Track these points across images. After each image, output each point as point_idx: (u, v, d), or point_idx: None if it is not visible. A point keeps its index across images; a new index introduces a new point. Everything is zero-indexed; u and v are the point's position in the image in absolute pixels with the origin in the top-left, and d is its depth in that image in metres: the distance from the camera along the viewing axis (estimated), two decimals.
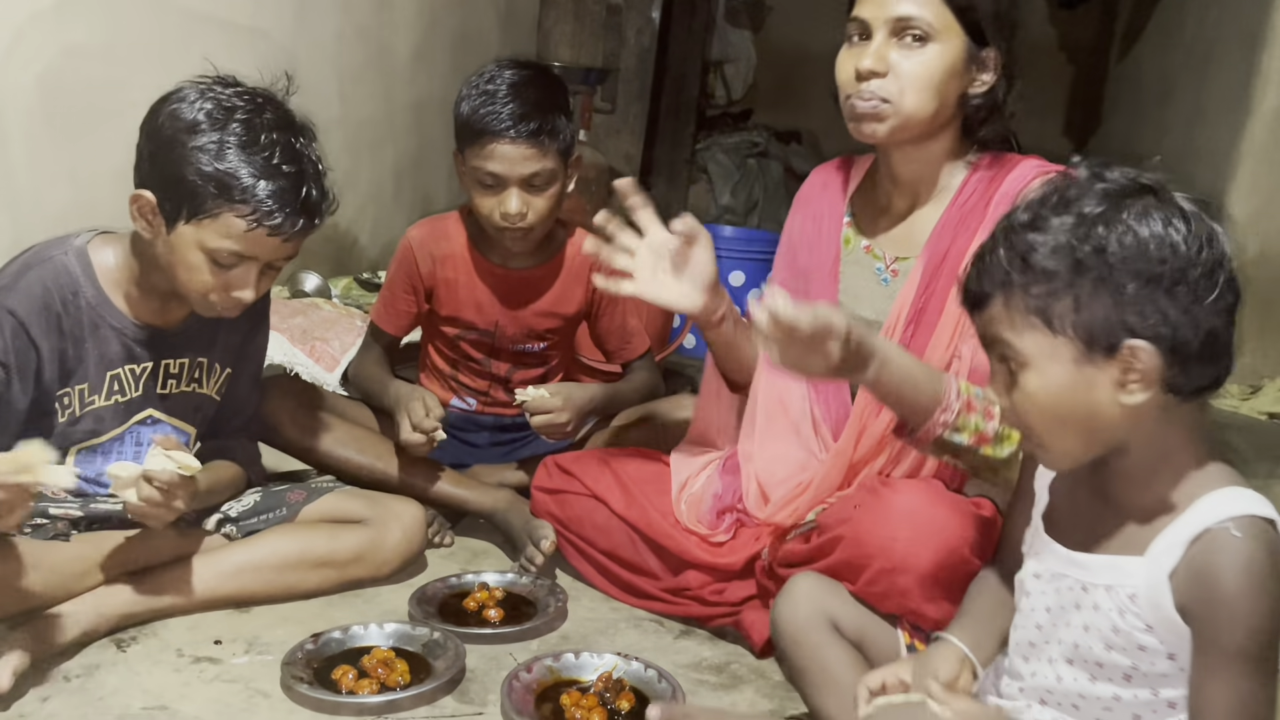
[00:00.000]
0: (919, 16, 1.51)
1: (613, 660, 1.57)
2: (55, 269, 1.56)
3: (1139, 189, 1.04)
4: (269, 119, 1.53)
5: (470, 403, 2.25)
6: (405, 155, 3.64)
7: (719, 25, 5.73)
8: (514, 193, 1.98)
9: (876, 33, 1.54)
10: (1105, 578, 1.09)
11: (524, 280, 2.13)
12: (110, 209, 2.34)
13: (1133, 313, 1.01)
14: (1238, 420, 3.39)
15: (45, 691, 1.46)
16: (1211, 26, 4.06)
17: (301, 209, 1.53)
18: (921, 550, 1.39)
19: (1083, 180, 1.06)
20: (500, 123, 1.94)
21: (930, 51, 1.52)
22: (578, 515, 1.88)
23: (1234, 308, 1.04)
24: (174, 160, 1.49)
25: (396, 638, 1.62)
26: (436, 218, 2.21)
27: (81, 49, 2.22)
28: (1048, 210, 1.05)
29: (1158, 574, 1.04)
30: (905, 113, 1.54)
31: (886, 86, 1.53)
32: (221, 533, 1.75)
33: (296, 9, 2.96)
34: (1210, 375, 1.04)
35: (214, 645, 1.61)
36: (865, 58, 1.54)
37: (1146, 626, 1.05)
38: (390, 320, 2.17)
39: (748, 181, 5.68)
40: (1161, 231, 1.01)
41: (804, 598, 1.42)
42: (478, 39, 3.99)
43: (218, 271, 1.54)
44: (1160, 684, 1.07)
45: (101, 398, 1.63)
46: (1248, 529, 1.01)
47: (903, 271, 1.65)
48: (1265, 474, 2.79)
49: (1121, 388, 1.03)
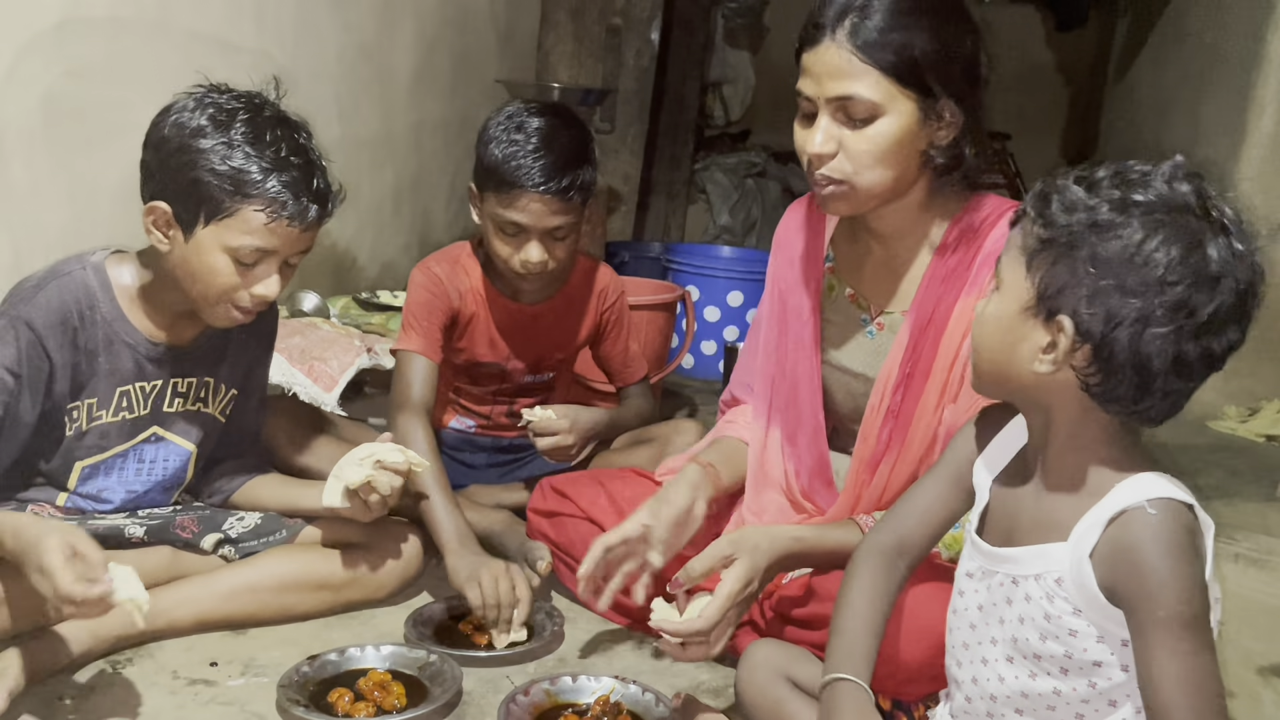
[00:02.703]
0: (858, 95, 1.42)
1: (610, 683, 1.57)
2: (74, 283, 1.58)
3: (1189, 208, 1.03)
4: (269, 117, 1.58)
5: (470, 424, 2.25)
6: (405, 176, 3.65)
7: (718, 46, 5.75)
8: (536, 244, 1.95)
9: (821, 112, 1.46)
10: (1033, 567, 1.12)
11: (535, 315, 2.13)
12: (109, 229, 2.35)
13: (1081, 297, 1.03)
14: (1235, 442, 3.38)
15: (39, 713, 1.45)
16: (1207, 49, 4.08)
17: (314, 197, 1.57)
18: (914, 649, 1.38)
19: (1160, 176, 1.05)
20: (531, 179, 1.90)
21: (879, 126, 1.44)
22: (572, 538, 1.87)
23: (1193, 362, 1.02)
24: (185, 166, 1.52)
25: (393, 660, 1.62)
26: (449, 251, 2.17)
27: (83, 70, 2.23)
28: (1113, 180, 1.06)
29: (1079, 555, 1.07)
30: (863, 188, 1.48)
31: (840, 166, 1.47)
32: (219, 554, 1.75)
33: (297, 30, 2.97)
34: (1132, 400, 1.05)
35: (210, 667, 1.61)
36: (811, 141, 1.47)
37: (1074, 610, 1.08)
38: (435, 350, 2.05)
39: (746, 201, 5.69)
40: (1152, 247, 1.01)
41: (761, 662, 1.43)
42: (478, 60, 4.01)
43: (241, 271, 1.56)
44: (1095, 674, 1.09)
45: (109, 413, 1.64)
46: (1163, 508, 1.04)
47: (888, 325, 1.63)
48: (1261, 497, 2.78)
49: (1038, 354, 1.07)
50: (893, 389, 1.58)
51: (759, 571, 1.49)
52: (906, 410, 1.57)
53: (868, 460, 1.61)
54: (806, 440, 1.68)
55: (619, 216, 4.46)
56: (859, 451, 1.62)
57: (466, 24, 3.92)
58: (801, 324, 1.68)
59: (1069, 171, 1.10)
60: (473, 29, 3.98)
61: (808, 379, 1.68)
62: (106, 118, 2.30)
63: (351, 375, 2.62)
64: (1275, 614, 2.15)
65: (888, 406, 1.59)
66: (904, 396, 1.57)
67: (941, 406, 1.55)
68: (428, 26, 3.67)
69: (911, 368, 1.57)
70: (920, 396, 1.56)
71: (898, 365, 1.58)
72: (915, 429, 1.57)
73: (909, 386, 1.57)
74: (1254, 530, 2.58)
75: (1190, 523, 1.04)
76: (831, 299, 1.68)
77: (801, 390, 1.68)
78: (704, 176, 5.68)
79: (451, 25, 3.81)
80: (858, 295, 1.66)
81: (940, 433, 1.55)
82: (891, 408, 1.58)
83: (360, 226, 3.44)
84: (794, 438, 1.69)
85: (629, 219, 4.62)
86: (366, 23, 3.34)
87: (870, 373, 1.62)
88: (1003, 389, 1.16)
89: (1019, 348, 1.09)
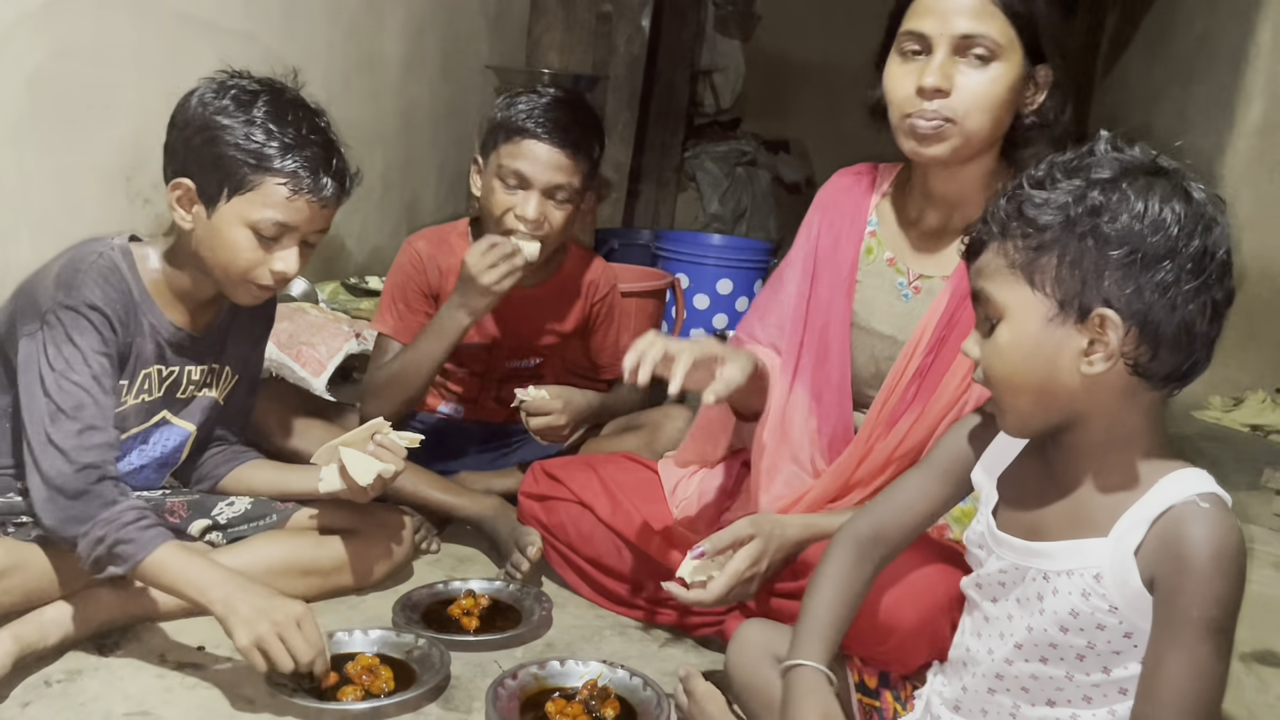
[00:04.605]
0: (985, 34, 1.45)
1: (598, 668, 1.57)
2: (111, 266, 1.59)
3: (1153, 168, 1.05)
4: (290, 99, 1.63)
5: (459, 409, 2.25)
6: (393, 161, 3.64)
7: (708, 34, 5.74)
8: (535, 196, 1.98)
9: (938, 49, 1.47)
10: (1067, 563, 1.09)
11: (524, 297, 2.13)
12: (97, 210, 2.35)
13: (1111, 282, 1.02)
14: (1219, 432, 3.41)
15: (26, 696, 1.45)
16: (1196, 40, 4.09)
17: (334, 175, 1.62)
18: (908, 611, 1.38)
19: (1101, 151, 1.07)
20: (541, 125, 1.97)
21: (994, 70, 1.47)
22: (563, 522, 1.88)
23: (1220, 305, 1.04)
24: (210, 142, 1.56)
25: (381, 644, 1.62)
26: (440, 229, 2.19)
27: (70, 51, 2.22)
28: (1060, 171, 1.06)
29: (1123, 551, 1.05)
30: (968, 132, 1.48)
31: (951, 105, 1.47)
32: (207, 539, 1.75)
33: (286, 13, 2.96)
34: (1179, 365, 1.05)
35: (197, 651, 1.61)
36: (928, 74, 1.47)
37: (1110, 607, 1.06)
38: (409, 333, 2.08)
39: (736, 190, 5.69)
40: (1157, 208, 1.02)
41: (750, 642, 1.43)
42: (467, 46, 4.00)
43: (263, 244, 1.59)
44: (1113, 662, 1.09)
45: (133, 396, 1.64)
46: (1214, 503, 1.03)
47: (926, 290, 1.62)
48: (1246, 485, 2.81)
49: (1084, 356, 1.04)
50: (925, 350, 1.59)
51: (769, 554, 1.55)
52: (936, 371, 1.58)
53: (887, 417, 1.61)
54: (833, 399, 1.68)
55: (609, 204, 4.46)
56: (877, 407, 1.62)
57: (456, 9, 3.91)
58: (836, 284, 1.68)
59: (1011, 187, 1.08)
60: (462, 14, 3.96)
61: (839, 340, 1.67)
62: (94, 99, 2.29)
63: (340, 361, 2.63)
64: (1259, 601, 2.17)
65: (917, 366, 1.59)
66: (935, 358, 1.58)
67: (969, 377, 1.55)
68: (417, 11, 3.66)
69: (947, 332, 1.58)
70: (950, 363, 1.57)
71: (933, 327, 1.59)
72: (942, 392, 1.57)
73: (941, 350, 1.58)
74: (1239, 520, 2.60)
75: (1239, 527, 1.03)
76: (869, 261, 1.68)
77: (832, 350, 1.67)
78: (694, 164, 5.68)
79: (441, 10, 3.80)
80: (896, 260, 1.66)
81: (968, 398, 1.55)
82: (921, 368, 1.59)
83: (348, 211, 3.41)
84: (820, 396, 1.69)
85: (619, 206, 4.62)
86: (355, 7, 3.32)
87: (900, 335, 1.63)
88: (1048, 414, 1.10)
89: (1058, 361, 1.05)
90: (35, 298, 1.53)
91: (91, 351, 1.52)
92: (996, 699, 1.17)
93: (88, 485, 1.45)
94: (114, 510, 1.45)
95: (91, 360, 1.51)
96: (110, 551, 1.44)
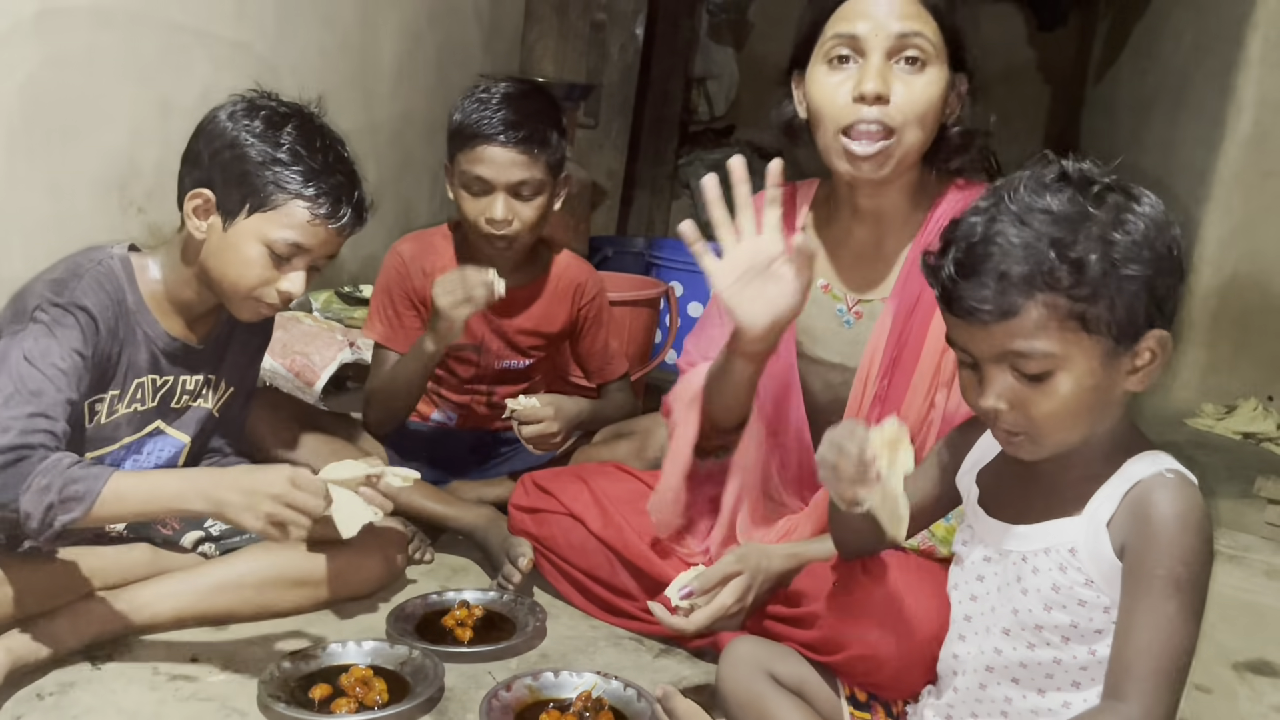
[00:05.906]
0: (922, 34, 1.40)
1: (592, 679, 1.57)
2: (107, 273, 1.60)
3: (1111, 184, 1.08)
4: (318, 126, 1.67)
5: (451, 417, 2.25)
6: (387, 169, 3.64)
7: (702, 41, 5.75)
8: (500, 198, 2.00)
9: (872, 53, 1.40)
10: (1042, 542, 1.13)
11: (509, 297, 2.12)
12: (90, 220, 2.34)
13: (1154, 303, 1.05)
14: (1212, 439, 3.42)
15: (18, 709, 1.44)
16: (1187, 51, 4.10)
17: (353, 205, 1.65)
18: (896, 643, 1.37)
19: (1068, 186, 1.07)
20: (491, 127, 1.98)
21: (929, 74, 1.42)
22: (554, 534, 1.87)
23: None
24: (237, 157, 1.58)
25: (375, 656, 1.61)
26: (424, 232, 2.22)
27: (62, 60, 2.21)
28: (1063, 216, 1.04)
29: (1096, 524, 1.09)
30: (906, 145, 1.43)
31: (889, 113, 1.41)
32: (199, 551, 1.74)
33: (279, 22, 2.95)
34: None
35: (190, 663, 1.60)
36: (868, 79, 1.40)
37: (1086, 580, 1.10)
38: (400, 339, 2.12)
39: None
40: (1162, 219, 1.06)
41: (742, 658, 1.44)
42: (461, 54, 3.99)
43: (275, 263, 1.60)
44: (1096, 641, 1.11)
45: (124, 405, 1.64)
46: (1179, 476, 1.08)
47: (868, 314, 1.60)
48: (1238, 493, 2.81)
49: (1132, 374, 1.09)
50: (878, 375, 1.56)
51: (755, 589, 1.52)
52: (894, 396, 1.55)
53: None
54: (790, 436, 1.67)
55: (603, 211, 4.46)
56: None
57: (450, 18, 3.91)
58: None
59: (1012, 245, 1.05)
60: (456, 23, 3.96)
61: (786, 374, 1.65)
62: (86, 108, 2.29)
63: (334, 370, 2.62)
64: (1252, 610, 2.17)
65: (874, 393, 1.57)
66: (891, 382, 1.55)
67: (933, 390, 1.53)
68: (411, 20, 3.66)
69: (898, 353, 1.55)
70: (910, 381, 1.54)
71: (881, 350, 1.56)
72: (905, 414, 1.54)
73: (895, 372, 1.55)
74: (1231, 528, 2.61)
75: (1203, 499, 1.07)
76: None
77: (779, 387, 1.66)
78: (688, 171, 5.69)
79: (435, 19, 3.80)
80: (831, 286, 1.63)
81: (934, 418, 1.53)
82: (879, 394, 1.57)
83: None
84: (776, 434, 1.69)
85: (613, 214, 4.62)
86: (349, 15, 3.32)
87: (849, 362, 1.60)
88: (1088, 431, 1.11)
89: (1113, 390, 1.09)
90: (27, 303, 1.53)
91: (69, 348, 1.50)
92: (988, 693, 1.19)
93: (21, 458, 1.37)
94: (52, 458, 1.38)
95: (66, 355, 1.49)
96: (62, 497, 1.35)
